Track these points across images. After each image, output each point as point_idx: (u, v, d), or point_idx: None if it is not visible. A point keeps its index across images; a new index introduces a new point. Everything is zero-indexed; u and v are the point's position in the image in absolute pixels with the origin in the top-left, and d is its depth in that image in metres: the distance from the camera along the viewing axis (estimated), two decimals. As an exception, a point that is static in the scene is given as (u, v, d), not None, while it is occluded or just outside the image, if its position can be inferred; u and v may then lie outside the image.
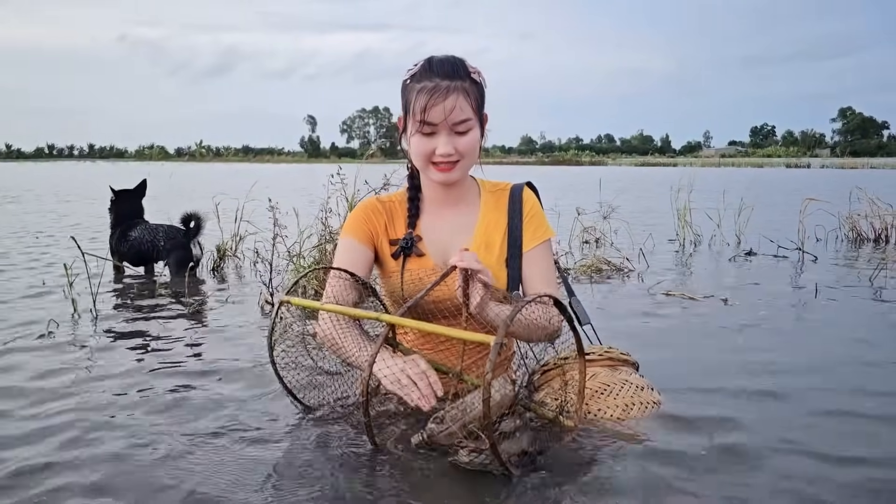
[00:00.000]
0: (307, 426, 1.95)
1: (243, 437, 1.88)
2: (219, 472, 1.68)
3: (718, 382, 2.37)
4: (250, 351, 2.81)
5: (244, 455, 1.77)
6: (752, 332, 3.12)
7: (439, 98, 1.74)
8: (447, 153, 1.79)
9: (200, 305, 3.73)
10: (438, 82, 1.75)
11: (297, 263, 4.16)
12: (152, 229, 4.73)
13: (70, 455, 1.79)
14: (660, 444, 1.80)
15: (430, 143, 1.80)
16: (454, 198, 1.98)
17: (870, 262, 5.20)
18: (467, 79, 1.79)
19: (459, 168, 1.84)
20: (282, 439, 1.87)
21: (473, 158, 1.87)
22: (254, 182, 5.71)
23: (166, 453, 1.79)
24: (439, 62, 1.79)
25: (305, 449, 1.80)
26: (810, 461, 1.74)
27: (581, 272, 4.72)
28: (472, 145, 1.82)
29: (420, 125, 1.78)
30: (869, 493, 1.58)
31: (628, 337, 3.03)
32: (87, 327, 3.21)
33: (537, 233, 1.97)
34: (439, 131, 1.78)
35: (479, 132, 1.84)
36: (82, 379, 2.43)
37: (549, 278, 1.96)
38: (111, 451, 1.81)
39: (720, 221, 6.46)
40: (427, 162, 1.83)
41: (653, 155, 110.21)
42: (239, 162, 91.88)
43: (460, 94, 1.76)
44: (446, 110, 1.74)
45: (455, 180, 1.88)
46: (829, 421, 2.02)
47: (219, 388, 2.33)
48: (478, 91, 1.82)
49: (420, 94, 1.75)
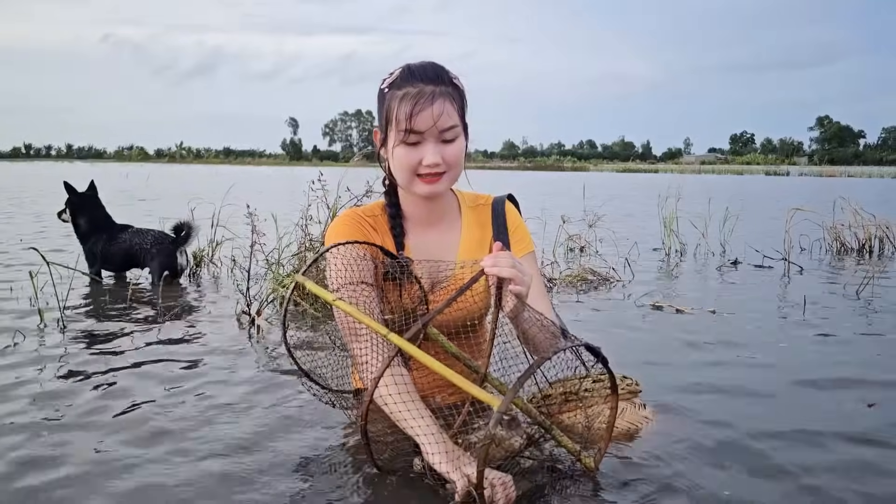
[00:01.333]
0: (287, 439, 1.84)
1: (221, 453, 1.77)
2: (198, 492, 1.57)
3: (711, 398, 2.31)
4: (227, 363, 2.69)
5: (222, 471, 1.66)
6: (744, 346, 3.05)
7: (426, 103, 1.61)
8: (434, 163, 1.66)
9: (175, 314, 3.60)
10: (423, 87, 1.63)
11: (275, 272, 4.04)
12: (142, 234, 4.60)
13: (29, 474, 1.68)
14: (651, 454, 1.74)
15: (415, 154, 1.67)
16: (437, 214, 1.87)
17: (855, 273, 5.18)
18: (450, 84, 1.69)
19: (446, 179, 1.72)
20: (264, 452, 1.77)
21: (460, 169, 1.75)
22: (230, 185, 5.58)
23: (135, 472, 1.67)
24: (420, 67, 1.68)
25: (287, 465, 1.69)
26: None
27: (567, 282, 4.64)
28: (459, 154, 1.71)
29: (405, 134, 1.65)
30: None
31: (618, 350, 2.95)
32: (55, 337, 3.07)
33: (522, 244, 1.90)
34: (426, 140, 1.66)
35: (464, 141, 1.73)
36: (47, 393, 2.30)
37: (539, 289, 1.86)
38: (75, 471, 1.69)
39: (705, 230, 6.42)
40: (412, 175, 1.70)
41: (634, 161, 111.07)
42: (219, 164, 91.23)
43: (446, 100, 1.65)
44: (434, 116, 1.62)
45: (441, 192, 1.75)
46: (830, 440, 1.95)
47: (194, 403, 2.21)
48: (460, 97, 1.72)
49: (403, 100, 1.63)
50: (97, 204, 4.71)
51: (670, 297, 4.14)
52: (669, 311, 3.79)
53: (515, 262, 1.48)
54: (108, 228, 4.63)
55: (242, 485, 1.65)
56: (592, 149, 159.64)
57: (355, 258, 1.66)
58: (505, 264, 1.46)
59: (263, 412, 2.15)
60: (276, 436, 1.95)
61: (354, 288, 1.63)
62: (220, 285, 4.54)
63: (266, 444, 1.89)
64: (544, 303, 1.82)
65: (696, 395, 2.36)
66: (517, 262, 1.49)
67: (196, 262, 4.86)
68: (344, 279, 1.63)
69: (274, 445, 1.88)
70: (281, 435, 1.95)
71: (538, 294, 1.84)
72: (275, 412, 2.15)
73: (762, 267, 5.48)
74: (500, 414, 1.29)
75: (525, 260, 1.87)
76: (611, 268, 4.98)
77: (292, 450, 1.84)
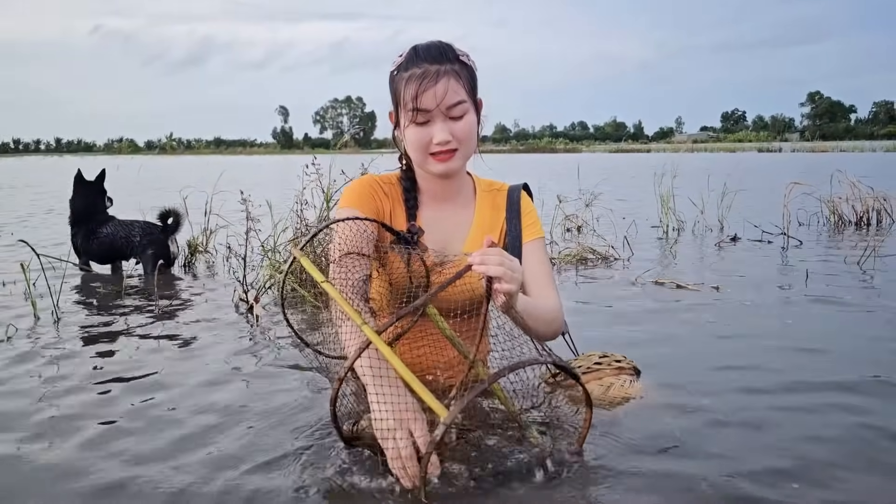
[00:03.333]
0: (287, 427, 1.80)
1: (220, 452, 1.73)
2: (195, 483, 1.53)
3: (719, 375, 2.28)
4: (225, 355, 2.64)
5: (221, 461, 1.62)
6: (747, 320, 3.02)
7: (430, 83, 1.65)
8: (444, 140, 1.68)
9: (171, 305, 3.54)
10: (427, 67, 1.67)
11: (271, 258, 3.98)
12: (126, 225, 4.53)
13: (24, 464, 1.64)
14: (653, 436, 1.73)
15: (425, 133, 1.69)
16: (453, 191, 1.88)
17: (856, 246, 5.15)
18: (456, 62, 1.71)
19: (459, 156, 1.74)
20: (261, 446, 1.72)
21: (472, 145, 1.77)
22: (221, 173, 5.51)
23: (131, 464, 1.63)
24: (425, 48, 1.72)
25: (288, 454, 1.65)
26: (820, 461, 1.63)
27: (566, 262, 4.60)
28: (469, 130, 1.72)
29: (413, 114, 1.68)
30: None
31: (621, 329, 2.92)
32: (49, 330, 3.01)
33: (532, 229, 1.91)
34: (434, 118, 1.68)
35: (475, 116, 1.75)
36: (42, 386, 2.25)
37: (546, 275, 1.85)
38: (70, 464, 1.64)
39: (703, 207, 6.39)
40: (425, 154, 1.72)
41: (626, 141, 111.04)
42: (210, 154, 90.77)
43: (451, 77, 1.67)
44: (438, 95, 1.65)
45: (456, 170, 1.77)
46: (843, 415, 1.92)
47: (192, 394, 2.17)
48: (469, 74, 1.73)
49: (409, 81, 1.67)
50: (89, 193, 4.63)
51: (671, 275, 4.10)
52: (671, 287, 3.75)
53: (505, 259, 1.42)
54: (90, 220, 4.55)
55: (242, 476, 1.61)
56: (584, 130, 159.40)
57: (358, 230, 1.68)
58: (493, 262, 1.41)
59: (263, 400, 2.11)
60: (277, 424, 1.91)
61: (349, 259, 1.63)
62: (216, 273, 4.48)
63: (267, 432, 1.85)
64: (549, 291, 1.81)
65: (702, 372, 2.34)
66: (507, 257, 1.44)
67: (191, 251, 4.80)
68: (343, 249, 1.64)
69: (275, 433, 1.84)
70: (282, 423, 1.91)
71: (544, 282, 1.84)
72: (275, 399, 2.11)
73: (761, 242, 5.45)
74: (446, 426, 1.30)
75: (534, 246, 1.88)
76: (610, 246, 4.94)
77: (293, 438, 1.80)
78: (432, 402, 1.37)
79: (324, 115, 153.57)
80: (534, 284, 1.80)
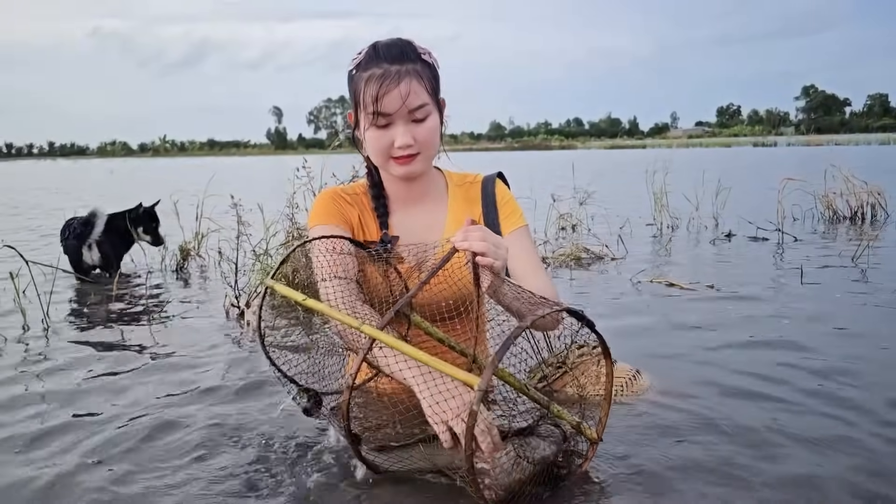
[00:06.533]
0: (279, 435, 1.78)
1: (212, 449, 1.70)
2: (186, 492, 1.50)
3: (715, 373, 2.25)
4: (217, 362, 2.61)
5: (212, 468, 1.59)
6: (745, 319, 3.00)
7: (391, 84, 1.57)
8: (406, 144, 1.63)
9: (162, 312, 3.51)
10: (388, 67, 1.59)
11: (263, 262, 3.95)
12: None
13: (15, 471, 1.61)
14: (649, 433, 1.70)
15: (386, 136, 1.63)
16: (419, 192, 1.82)
17: (850, 241, 5.14)
18: (418, 61, 1.64)
19: (421, 159, 1.68)
20: (255, 448, 1.71)
21: (435, 147, 1.71)
22: (212, 175, 5.47)
23: (120, 471, 1.60)
24: (385, 46, 1.64)
25: (279, 461, 1.62)
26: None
27: (560, 261, 4.58)
28: (431, 133, 1.66)
29: (374, 117, 1.61)
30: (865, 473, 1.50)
31: (618, 329, 2.90)
32: (39, 340, 2.98)
33: (512, 218, 1.84)
34: (395, 121, 1.62)
35: (437, 118, 1.68)
36: (32, 393, 2.22)
37: (535, 263, 1.80)
38: (60, 471, 1.61)
39: (698, 204, 6.37)
40: (386, 157, 1.67)
41: (622, 137, 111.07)
42: (204, 156, 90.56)
43: (413, 78, 1.60)
44: (402, 96, 1.58)
45: (419, 173, 1.71)
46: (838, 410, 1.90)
47: (182, 400, 2.14)
48: (431, 73, 1.67)
49: (369, 82, 1.59)
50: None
51: (666, 273, 4.08)
52: (667, 286, 3.73)
53: (487, 236, 1.41)
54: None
55: (232, 481, 1.58)
56: (579, 126, 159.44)
57: (333, 251, 1.61)
58: (475, 238, 1.39)
59: (254, 407, 2.09)
60: (269, 431, 1.88)
61: (329, 284, 1.56)
62: (208, 278, 4.45)
63: (258, 441, 1.82)
64: (541, 278, 1.75)
65: (698, 370, 2.32)
66: (490, 234, 1.42)
67: (182, 256, 4.77)
68: (324, 273, 1.58)
69: (267, 441, 1.81)
70: (273, 431, 1.88)
71: (534, 269, 1.78)
72: (268, 407, 2.08)
73: (757, 239, 5.43)
74: (482, 391, 1.24)
75: (517, 235, 1.81)
76: (604, 245, 4.92)
77: (285, 446, 1.78)
78: (460, 374, 1.33)
79: (317, 115, 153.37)
80: (524, 274, 1.75)
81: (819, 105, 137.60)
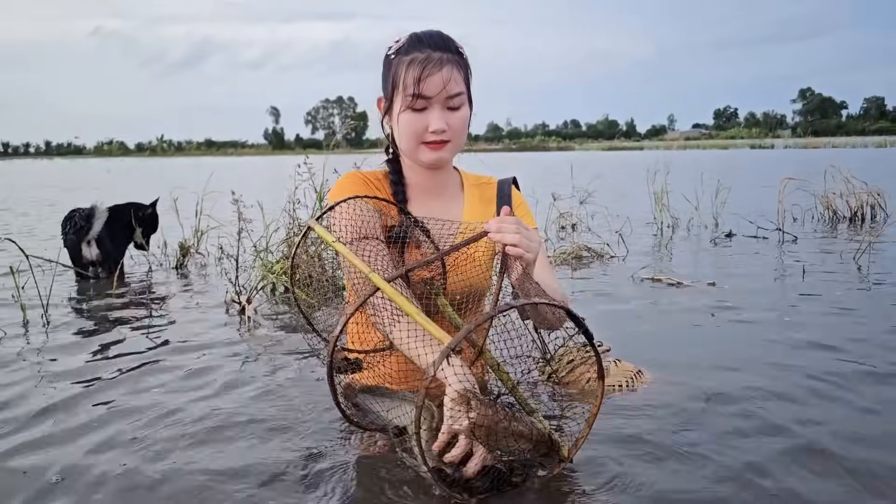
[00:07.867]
0: (280, 429, 1.77)
1: (217, 461, 1.69)
2: (188, 488, 1.49)
3: (715, 371, 2.25)
4: (220, 359, 2.60)
5: (214, 463, 1.58)
6: (746, 318, 2.99)
7: (434, 68, 1.61)
8: (440, 128, 1.65)
9: (162, 306, 3.50)
10: (431, 53, 1.63)
11: (264, 259, 3.94)
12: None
13: (13, 467, 1.59)
14: (648, 431, 1.69)
15: (421, 120, 1.65)
16: (440, 184, 1.84)
17: (850, 241, 5.14)
18: (456, 52, 1.68)
19: (450, 147, 1.71)
20: (256, 442, 1.69)
21: (463, 138, 1.74)
22: (211, 173, 5.46)
23: (121, 467, 1.59)
24: (428, 34, 1.68)
25: (280, 455, 1.61)
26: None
27: (561, 260, 4.58)
28: (464, 122, 1.70)
29: (412, 99, 1.63)
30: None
31: (618, 326, 2.90)
32: (39, 336, 2.96)
33: (526, 221, 1.86)
34: (432, 105, 1.64)
35: (469, 110, 1.72)
36: (31, 389, 2.20)
37: (546, 268, 1.82)
38: (61, 467, 1.60)
39: (698, 204, 6.37)
40: (417, 142, 1.69)
41: (619, 139, 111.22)
42: (201, 155, 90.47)
43: (454, 66, 1.64)
44: (443, 80, 1.61)
45: (446, 161, 1.75)
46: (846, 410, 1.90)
47: (182, 396, 2.12)
48: (466, 67, 1.71)
49: (411, 65, 1.62)
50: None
51: (667, 271, 4.08)
52: (668, 284, 3.73)
53: (521, 228, 1.43)
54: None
55: (236, 477, 1.57)
56: (577, 128, 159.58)
57: (364, 212, 1.63)
58: (510, 230, 1.42)
59: (257, 405, 2.07)
60: (270, 425, 1.87)
61: (360, 243, 1.58)
62: (208, 275, 4.43)
63: (259, 435, 1.81)
64: (552, 279, 1.79)
65: (698, 368, 2.31)
66: (524, 227, 1.44)
67: (182, 253, 4.76)
68: (351, 234, 1.59)
69: (268, 436, 1.80)
70: (274, 424, 1.87)
71: (545, 272, 1.80)
72: (267, 401, 2.07)
73: (756, 238, 5.43)
74: (448, 349, 1.23)
75: None
76: (605, 244, 4.92)
77: (286, 440, 1.77)
78: (438, 332, 1.34)
79: (315, 116, 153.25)
80: (536, 277, 1.77)
81: (816, 108, 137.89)
